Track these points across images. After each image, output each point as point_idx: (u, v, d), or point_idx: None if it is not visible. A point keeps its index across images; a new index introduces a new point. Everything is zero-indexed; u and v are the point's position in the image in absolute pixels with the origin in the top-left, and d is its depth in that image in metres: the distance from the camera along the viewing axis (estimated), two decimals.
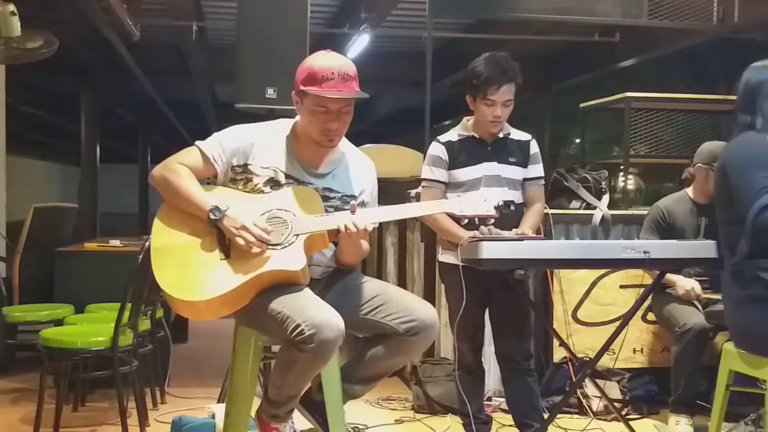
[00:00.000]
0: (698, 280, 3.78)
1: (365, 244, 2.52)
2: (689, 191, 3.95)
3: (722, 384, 2.61)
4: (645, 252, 3.01)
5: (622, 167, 4.80)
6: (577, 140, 9.79)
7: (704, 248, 2.95)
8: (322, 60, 2.48)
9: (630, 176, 4.94)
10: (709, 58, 6.65)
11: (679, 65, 8.32)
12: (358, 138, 4.01)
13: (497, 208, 2.49)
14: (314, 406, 2.51)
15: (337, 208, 2.50)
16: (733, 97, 2.72)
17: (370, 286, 2.53)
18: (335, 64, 2.45)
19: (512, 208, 2.67)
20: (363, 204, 2.56)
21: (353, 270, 2.61)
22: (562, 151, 8.81)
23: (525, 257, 2.92)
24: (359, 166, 2.64)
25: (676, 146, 4.95)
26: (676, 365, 3.71)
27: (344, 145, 2.64)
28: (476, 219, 2.51)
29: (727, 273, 2.53)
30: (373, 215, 2.47)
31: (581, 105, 5.07)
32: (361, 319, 2.45)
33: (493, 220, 2.61)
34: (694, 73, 8.01)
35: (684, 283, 3.75)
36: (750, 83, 2.57)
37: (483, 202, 2.49)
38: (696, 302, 3.77)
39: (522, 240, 2.97)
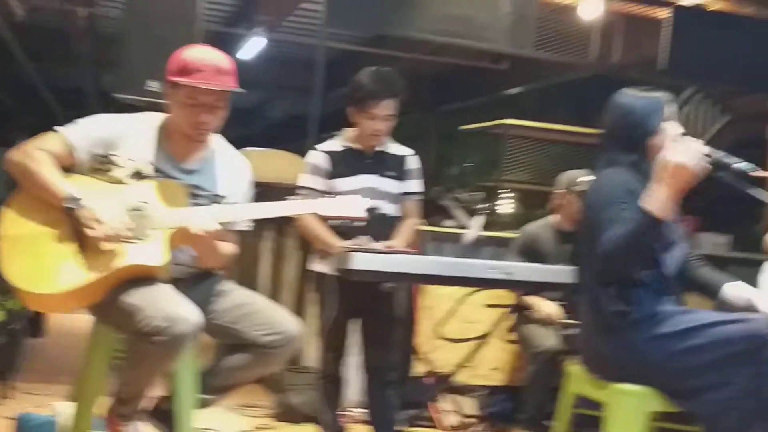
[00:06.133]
0: (559, 304, 3.94)
1: (226, 247, 2.48)
2: (555, 218, 4.12)
3: (567, 404, 2.72)
4: (508, 273, 3.13)
5: (498, 191, 4.97)
6: (463, 162, 10.04)
7: (563, 273, 3.09)
8: (196, 52, 2.47)
9: (505, 200, 5.11)
10: (590, 92, 6.97)
11: (563, 98, 8.68)
12: (247, 142, 3.97)
13: (368, 211, 2.52)
14: (162, 416, 2.46)
15: None
16: None
17: (237, 294, 2.51)
18: (209, 57, 2.44)
19: (383, 213, 2.70)
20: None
21: (219, 274, 2.58)
22: (445, 171, 9.00)
23: (395, 270, 2.97)
24: (231, 165, 2.61)
25: (551, 174, 5.15)
26: (530, 385, 3.85)
27: (217, 142, 2.61)
28: (346, 222, 2.54)
29: (583, 300, 2.65)
30: (223, 213, 2.40)
31: (460, 128, 5.21)
32: (221, 326, 2.43)
33: (366, 230, 2.63)
34: (575, 106, 8.37)
35: (544, 307, 3.90)
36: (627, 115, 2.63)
37: (352, 205, 2.51)
38: (554, 325, 3.93)
39: (393, 253, 3.03)
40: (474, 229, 4.48)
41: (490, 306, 4.40)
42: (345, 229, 3.07)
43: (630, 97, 2.61)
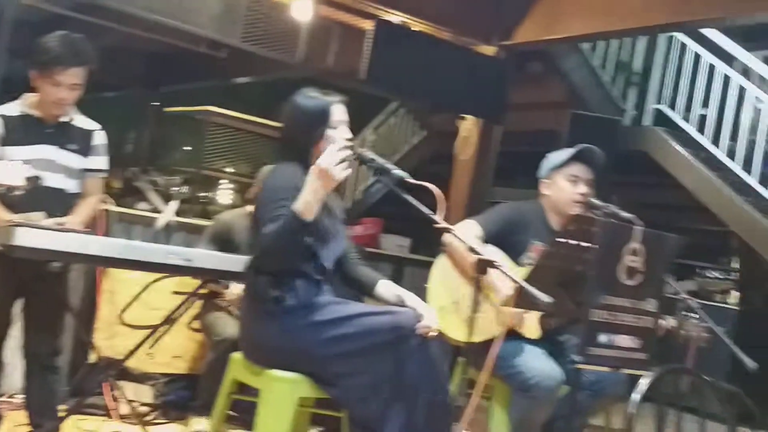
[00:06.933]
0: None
1: None
2: (252, 208, 4.17)
3: (226, 391, 2.77)
4: (187, 260, 3.10)
5: (196, 177, 4.92)
6: (185, 146, 9.81)
7: (239, 262, 3.12)
8: None
9: (201, 186, 5.08)
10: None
11: (282, 94, 8.80)
12: None
13: (28, 179, 2.36)
14: None
15: None
16: None
17: None
18: None
19: (58, 188, 2.54)
20: None
21: None
22: (161, 153, 8.73)
23: (63, 249, 2.80)
24: None
25: (251, 165, 5.20)
26: (208, 371, 3.85)
27: None
28: (2, 190, 2.36)
29: (246, 286, 2.72)
30: None
31: (165, 110, 5.10)
32: None
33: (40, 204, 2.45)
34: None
35: (232, 292, 3.91)
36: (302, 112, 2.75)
37: (9, 172, 2.34)
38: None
39: (63, 231, 2.87)
40: (167, 214, 4.41)
41: (176, 293, 4.34)
42: (16, 201, 2.85)
43: (305, 98, 2.73)
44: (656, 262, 2.33)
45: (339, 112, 2.71)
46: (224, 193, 5.30)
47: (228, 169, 5.30)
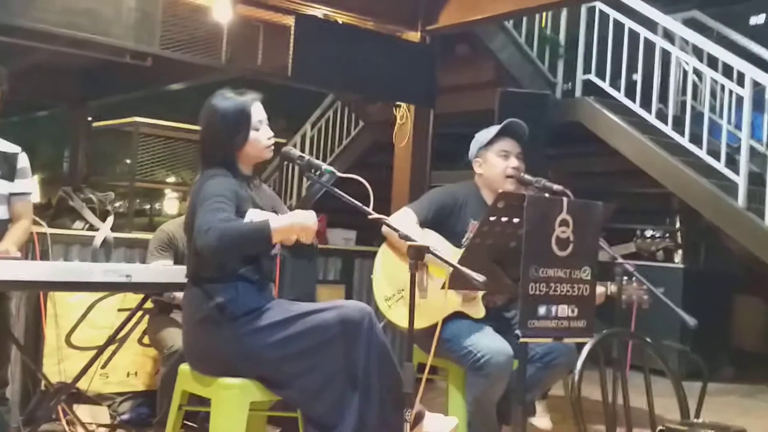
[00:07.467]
0: None
1: None
2: None
3: (176, 403, 2.75)
4: (127, 275, 3.06)
5: (132, 190, 4.85)
6: (118, 160, 9.65)
7: (179, 273, 3.09)
8: None
9: (145, 198, 5.01)
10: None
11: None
12: None
13: None
14: None
15: None
16: None
17: None
18: None
19: None
20: None
21: None
22: (97, 169, 8.58)
23: None
24: None
25: (194, 172, 5.14)
26: (162, 386, 3.80)
27: None
28: None
29: (186, 296, 2.69)
30: None
31: (94, 125, 5.01)
32: None
33: None
34: None
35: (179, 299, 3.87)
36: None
37: None
38: None
39: None
40: (103, 230, 4.33)
41: (121, 310, 4.28)
42: None
43: (221, 100, 2.70)
44: (586, 231, 2.38)
45: (258, 111, 2.69)
46: (170, 203, 5.24)
47: (170, 179, 5.23)
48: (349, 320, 2.57)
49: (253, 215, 2.54)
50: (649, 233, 3.87)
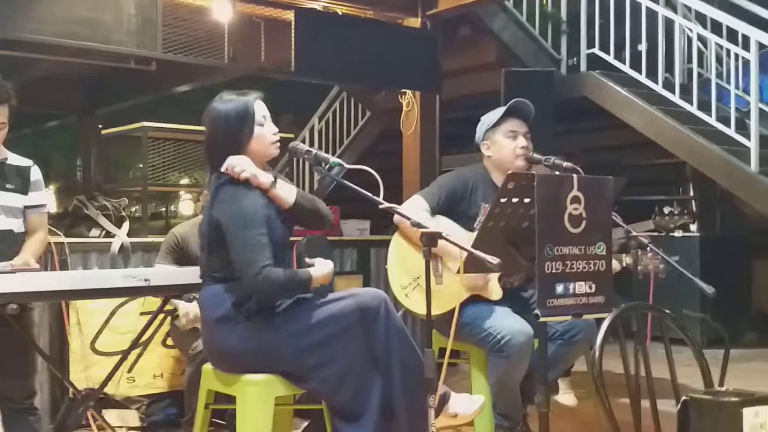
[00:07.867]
0: None
1: None
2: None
3: (202, 403, 2.78)
4: (145, 279, 3.10)
5: (146, 195, 4.88)
6: (130, 165, 9.69)
7: (196, 274, 3.11)
8: None
9: (159, 202, 5.05)
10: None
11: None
12: None
13: None
14: None
15: None
16: None
17: None
18: None
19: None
20: None
21: None
22: (112, 176, 8.65)
23: (17, 291, 2.80)
24: None
25: (197, 175, 5.17)
26: (189, 386, 3.85)
27: None
28: None
29: (203, 295, 2.72)
30: None
31: (103, 132, 5.05)
32: None
33: None
34: None
35: (185, 308, 3.90)
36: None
37: None
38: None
39: (14, 272, 2.84)
40: (119, 236, 4.37)
41: (143, 314, 4.32)
42: None
43: (223, 102, 2.71)
44: (598, 206, 2.38)
45: (260, 108, 2.70)
46: (186, 204, 5.28)
47: (183, 181, 5.26)
48: (365, 307, 2.59)
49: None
50: (667, 210, 3.86)
